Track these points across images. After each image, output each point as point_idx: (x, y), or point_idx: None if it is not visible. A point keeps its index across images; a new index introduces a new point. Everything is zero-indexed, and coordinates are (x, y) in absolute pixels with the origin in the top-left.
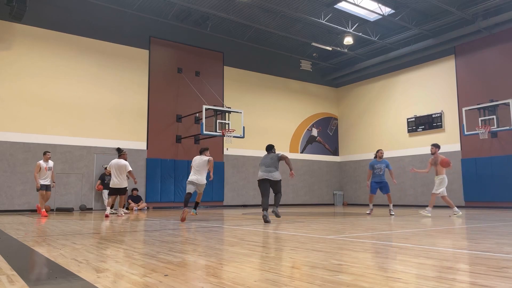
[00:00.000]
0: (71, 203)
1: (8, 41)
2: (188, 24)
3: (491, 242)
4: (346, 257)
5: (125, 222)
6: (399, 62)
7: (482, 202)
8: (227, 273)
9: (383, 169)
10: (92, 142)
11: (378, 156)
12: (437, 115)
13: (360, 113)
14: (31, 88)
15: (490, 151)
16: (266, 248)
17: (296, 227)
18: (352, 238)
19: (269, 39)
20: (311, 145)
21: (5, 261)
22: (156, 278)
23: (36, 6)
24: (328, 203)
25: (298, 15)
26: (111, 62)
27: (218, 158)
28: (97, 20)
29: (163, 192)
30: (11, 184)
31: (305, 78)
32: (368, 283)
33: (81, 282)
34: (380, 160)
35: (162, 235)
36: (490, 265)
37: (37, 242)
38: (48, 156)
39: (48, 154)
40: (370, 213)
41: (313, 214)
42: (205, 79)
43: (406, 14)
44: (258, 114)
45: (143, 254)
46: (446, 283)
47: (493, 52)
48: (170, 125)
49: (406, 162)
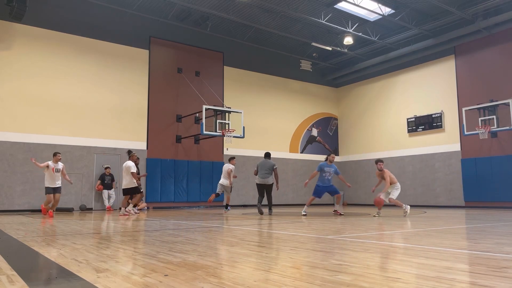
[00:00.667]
0: (71, 203)
1: (8, 41)
2: (188, 24)
3: (491, 242)
4: (346, 257)
5: (125, 222)
6: (399, 62)
7: (482, 202)
8: (227, 273)
9: (332, 174)
10: (92, 142)
11: (330, 160)
12: (437, 115)
13: (360, 113)
14: (31, 88)
15: (490, 151)
16: (266, 248)
17: (296, 227)
18: (352, 238)
19: (269, 39)
20: (311, 145)
21: (5, 261)
22: (156, 278)
23: (36, 6)
24: (328, 203)
25: (298, 15)
26: (111, 62)
27: (218, 158)
28: (97, 20)
29: (163, 192)
30: (11, 184)
31: (305, 78)
32: (368, 283)
33: (81, 282)
34: (330, 164)
35: (162, 235)
36: (490, 265)
37: (37, 242)
38: (58, 158)
39: (58, 155)
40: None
41: (313, 214)
42: (205, 79)
43: (406, 14)
44: (258, 114)
45: (143, 254)
46: (446, 283)
47: (493, 52)
48: (170, 125)
49: (406, 162)
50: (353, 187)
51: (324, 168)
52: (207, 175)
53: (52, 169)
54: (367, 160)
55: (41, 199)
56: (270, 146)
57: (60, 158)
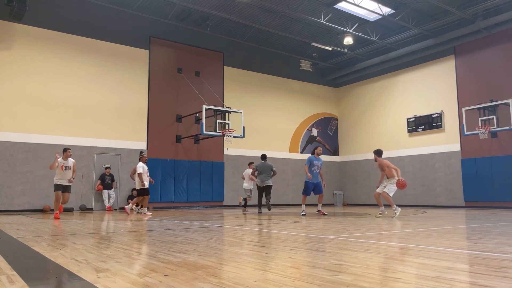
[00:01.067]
0: (71, 203)
1: (8, 41)
2: (188, 24)
3: (491, 242)
4: (346, 257)
5: (125, 222)
6: (399, 62)
7: (482, 202)
8: (227, 273)
9: (319, 167)
10: (92, 142)
11: (317, 153)
12: (437, 115)
13: (360, 113)
14: (31, 88)
15: (490, 151)
16: (266, 248)
17: (296, 227)
18: (352, 238)
19: (269, 39)
20: (311, 145)
21: (5, 261)
22: (156, 278)
23: (36, 6)
24: (328, 203)
25: (298, 15)
26: (111, 62)
27: (218, 158)
28: (97, 20)
29: (163, 192)
30: (11, 184)
31: (305, 78)
32: (368, 283)
33: (81, 282)
34: (318, 158)
35: (162, 235)
36: (490, 265)
37: (37, 242)
38: (68, 154)
39: (68, 151)
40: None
41: (313, 214)
42: (205, 79)
43: (406, 14)
44: (258, 114)
45: (143, 254)
46: (446, 283)
47: (493, 52)
48: (170, 125)
49: (406, 162)
50: (353, 187)
51: (313, 161)
52: (207, 175)
53: (61, 167)
54: (367, 160)
55: (41, 199)
56: (270, 146)
57: (70, 155)
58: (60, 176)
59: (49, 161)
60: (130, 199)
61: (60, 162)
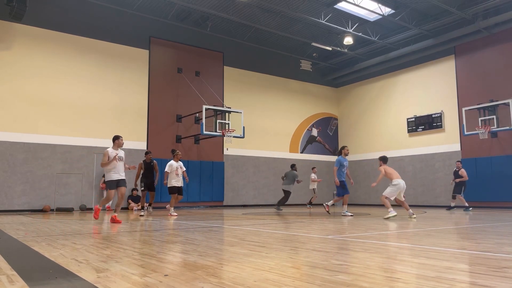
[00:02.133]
0: (71, 203)
1: (8, 41)
2: (188, 24)
3: (491, 242)
4: (346, 257)
5: (125, 222)
6: (399, 62)
7: (482, 202)
8: (227, 273)
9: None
10: (92, 142)
11: (345, 153)
12: (437, 115)
13: (360, 113)
14: (31, 88)
15: (490, 151)
16: (266, 248)
17: (296, 227)
18: (352, 238)
19: (269, 39)
20: (311, 145)
21: (5, 261)
22: (156, 278)
23: (36, 6)
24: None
25: (298, 15)
26: (111, 62)
27: (218, 158)
28: (97, 20)
29: (163, 193)
30: (11, 184)
31: (305, 78)
32: (368, 283)
33: (81, 282)
34: (345, 158)
35: (162, 235)
36: (490, 265)
37: (37, 242)
38: (121, 142)
39: (121, 139)
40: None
41: (313, 214)
42: (205, 79)
43: (406, 14)
44: (258, 114)
45: (143, 254)
46: (446, 283)
47: (493, 52)
48: (170, 125)
49: (406, 162)
50: (353, 187)
51: (343, 162)
52: (207, 175)
53: (114, 157)
54: (367, 160)
55: (41, 199)
56: (270, 146)
57: (122, 143)
58: (114, 170)
59: (49, 161)
60: (130, 199)
61: (111, 153)
